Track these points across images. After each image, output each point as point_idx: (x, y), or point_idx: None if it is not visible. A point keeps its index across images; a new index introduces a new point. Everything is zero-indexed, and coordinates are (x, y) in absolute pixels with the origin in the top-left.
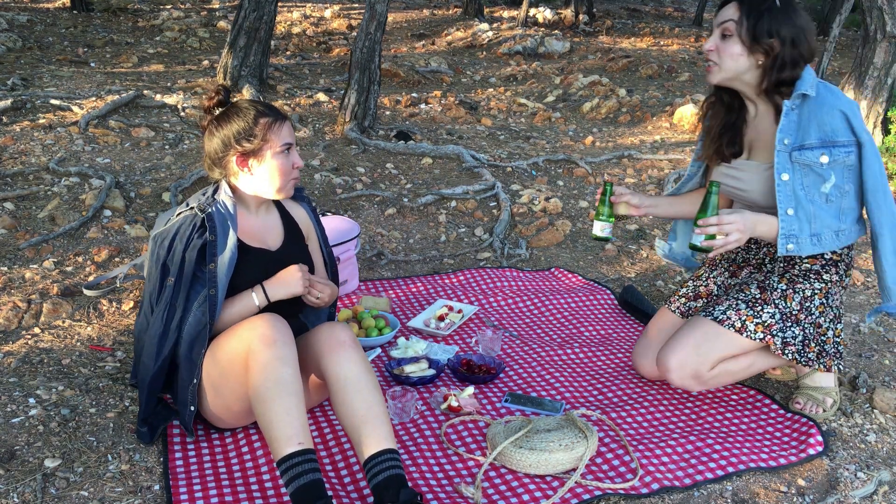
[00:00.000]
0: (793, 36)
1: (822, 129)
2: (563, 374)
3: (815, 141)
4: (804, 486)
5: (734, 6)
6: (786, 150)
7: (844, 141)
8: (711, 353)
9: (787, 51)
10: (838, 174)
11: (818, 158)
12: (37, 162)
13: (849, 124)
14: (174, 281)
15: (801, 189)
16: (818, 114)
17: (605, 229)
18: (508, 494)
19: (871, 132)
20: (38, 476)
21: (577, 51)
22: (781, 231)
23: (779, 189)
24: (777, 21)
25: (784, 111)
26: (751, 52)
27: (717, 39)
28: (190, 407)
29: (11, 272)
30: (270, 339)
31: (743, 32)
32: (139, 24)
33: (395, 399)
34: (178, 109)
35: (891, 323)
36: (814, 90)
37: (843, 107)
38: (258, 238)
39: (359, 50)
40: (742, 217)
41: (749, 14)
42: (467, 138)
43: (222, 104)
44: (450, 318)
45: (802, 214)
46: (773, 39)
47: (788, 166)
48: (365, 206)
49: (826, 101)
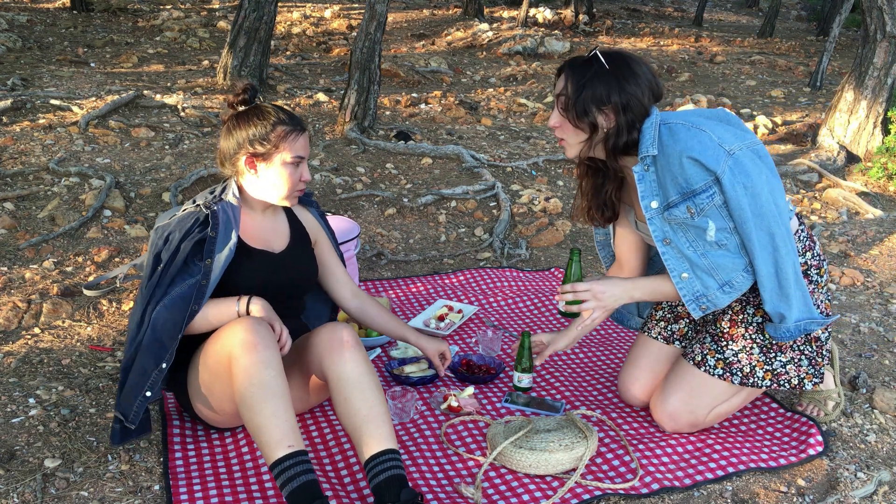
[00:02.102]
0: (623, 103)
1: (677, 183)
2: (563, 374)
3: (676, 197)
4: (804, 486)
5: (563, 77)
6: (658, 214)
7: (702, 185)
8: (703, 405)
9: (620, 119)
10: (715, 217)
11: (685, 213)
12: (37, 162)
13: (700, 165)
14: (162, 268)
15: (689, 247)
16: (669, 168)
17: (522, 380)
18: (508, 494)
19: (871, 132)
20: (38, 476)
21: (577, 51)
22: (684, 297)
23: (664, 256)
24: (605, 88)
25: (637, 178)
26: (579, 129)
27: (557, 115)
28: (145, 392)
29: (11, 272)
30: (251, 344)
31: (570, 108)
32: (139, 24)
33: (395, 399)
34: (178, 109)
35: (891, 323)
36: (655, 147)
37: (688, 151)
38: (262, 240)
39: (359, 50)
40: (601, 286)
41: (574, 88)
42: (467, 138)
43: (247, 103)
44: (450, 318)
45: (700, 272)
46: (599, 114)
47: (667, 228)
48: (365, 206)
49: (670, 152)
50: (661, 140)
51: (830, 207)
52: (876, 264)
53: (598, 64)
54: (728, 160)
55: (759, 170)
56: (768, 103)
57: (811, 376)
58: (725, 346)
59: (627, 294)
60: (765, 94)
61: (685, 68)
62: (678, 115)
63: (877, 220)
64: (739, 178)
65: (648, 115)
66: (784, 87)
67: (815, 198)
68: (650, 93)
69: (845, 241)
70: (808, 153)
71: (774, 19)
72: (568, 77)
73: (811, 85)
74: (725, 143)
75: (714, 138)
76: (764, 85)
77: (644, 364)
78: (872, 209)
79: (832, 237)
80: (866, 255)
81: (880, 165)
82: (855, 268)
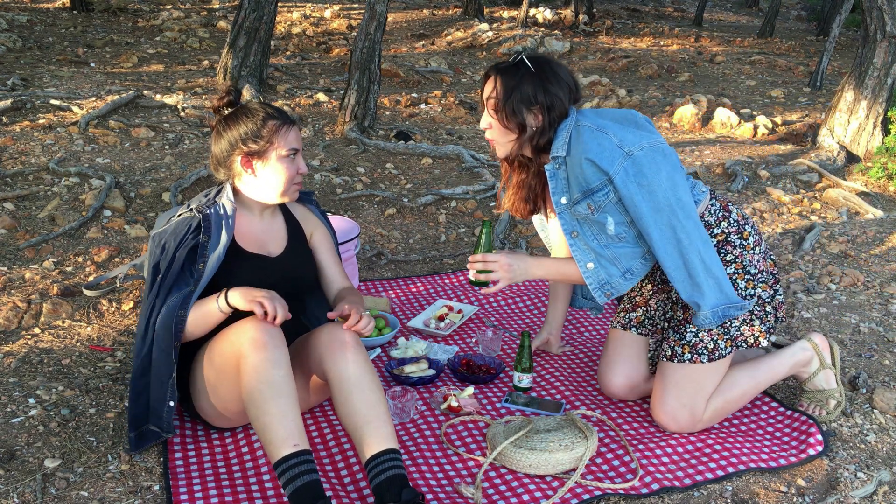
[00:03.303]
0: (548, 103)
1: (579, 182)
2: (563, 374)
3: (578, 194)
4: (804, 486)
5: (491, 81)
6: (566, 209)
7: (598, 185)
8: (692, 396)
9: (545, 119)
10: (613, 213)
11: (586, 209)
12: (37, 162)
13: (595, 166)
14: (160, 278)
15: (594, 239)
16: (573, 169)
17: (522, 380)
18: (508, 494)
19: (871, 132)
20: (38, 476)
21: (577, 51)
22: (591, 285)
23: (572, 248)
24: (532, 89)
25: (549, 175)
26: (509, 129)
27: (486, 117)
28: (169, 402)
29: (11, 272)
30: (260, 342)
31: (500, 110)
32: (139, 24)
33: (395, 399)
34: (178, 109)
35: (891, 323)
36: (564, 149)
37: (587, 153)
38: (259, 244)
39: (359, 50)
40: (509, 258)
41: (504, 90)
42: (467, 138)
43: (232, 105)
44: (450, 318)
45: (604, 262)
46: (528, 114)
47: (575, 223)
48: (365, 206)
49: (574, 154)
50: (570, 141)
51: (830, 207)
52: (876, 264)
53: (524, 67)
54: (624, 161)
55: (658, 168)
56: (768, 103)
57: (764, 334)
58: (686, 331)
59: (532, 270)
60: (765, 93)
61: (685, 68)
62: (590, 118)
63: (877, 220)
64: (633, 177)
65: (567, 115)
66: (784, 87)
67: (815, 198)
68: (570, 94)
69: (845, 241)
70: (808, 153)
71: (774, 19)
72: (496, 80)
73: (811, 85)
74: (625, 145)
75: (614, 140)
76: (764, 85)
77: (611, 352)
78: (872, 209)
79: (832, 237)
80: (866, 255)
81: (880, 165)
82: (855, 268)
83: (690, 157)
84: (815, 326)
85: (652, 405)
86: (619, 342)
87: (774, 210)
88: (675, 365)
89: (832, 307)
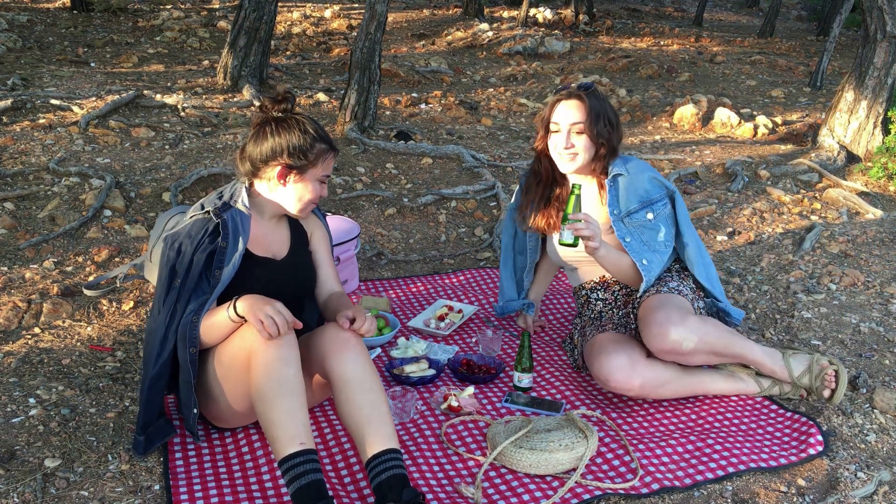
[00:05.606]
0: (616, 123)
1: (639, 194)
2: (563, 374)
3: (636, 206)
4: (804, 486)
5: (584, 100)
6: (618, 219)
7: (658, 197)
8: (679, 308)
9: (615, 137)
10: (664, 223)
11: (645, 217)
12: (37, 162)
13: (660, 183)
14: (180, 283)
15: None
16: (633, 184)
17: (522, 380)
18: (508, 494)
19: (872, 132)
20: (38, 476)
21: (578, 51)
22: (646, 276)
23: (628, 248)
24: (611, 112)
25: (608, 188)
26: (596, 143)
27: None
28: (193, 409)
29: (11, 272)
30: (273, 340)
31: (593, 126)
32: (139, 24)
33: (395, 399)
34: (179, 109)
35: (891, 323)
36: (623, 168)
37: (649, 171)
38: (265, 246)
39: (359, 50)
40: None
41: (597, 109)
42: (467, 138)
43: (286, 111)
44: (450, 318)
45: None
46: (613, 132)
47: (625, 230)
48: (365, 206)
49: (634, 172)
50: (623, 163)
51: (830, 207)
52: (876, 264)
53: (599, 93)
54: (672, 185)
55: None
56: (768, 103)
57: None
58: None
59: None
60: (765, 93)
61: (685, 68)
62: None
63: (877, 220)
64: (679, 198)
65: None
66: (784, 86)
67: (815, 198)
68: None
69: (845, 241)
70: (809, 153)
71: (774, 19)
72: (590, 101)
73: (811, 85)
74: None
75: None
76: (764, 85)
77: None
78: (872, 209)
79: (832, 237)
80: (866, 255)
81: (880, 165)
82: (855, 268)
83: (690, 157)
84: (815, 326)
85: (643, 329)
86: (603, 338)
87: (774, 210)
88: (657, 294)
89: (832, 307)
